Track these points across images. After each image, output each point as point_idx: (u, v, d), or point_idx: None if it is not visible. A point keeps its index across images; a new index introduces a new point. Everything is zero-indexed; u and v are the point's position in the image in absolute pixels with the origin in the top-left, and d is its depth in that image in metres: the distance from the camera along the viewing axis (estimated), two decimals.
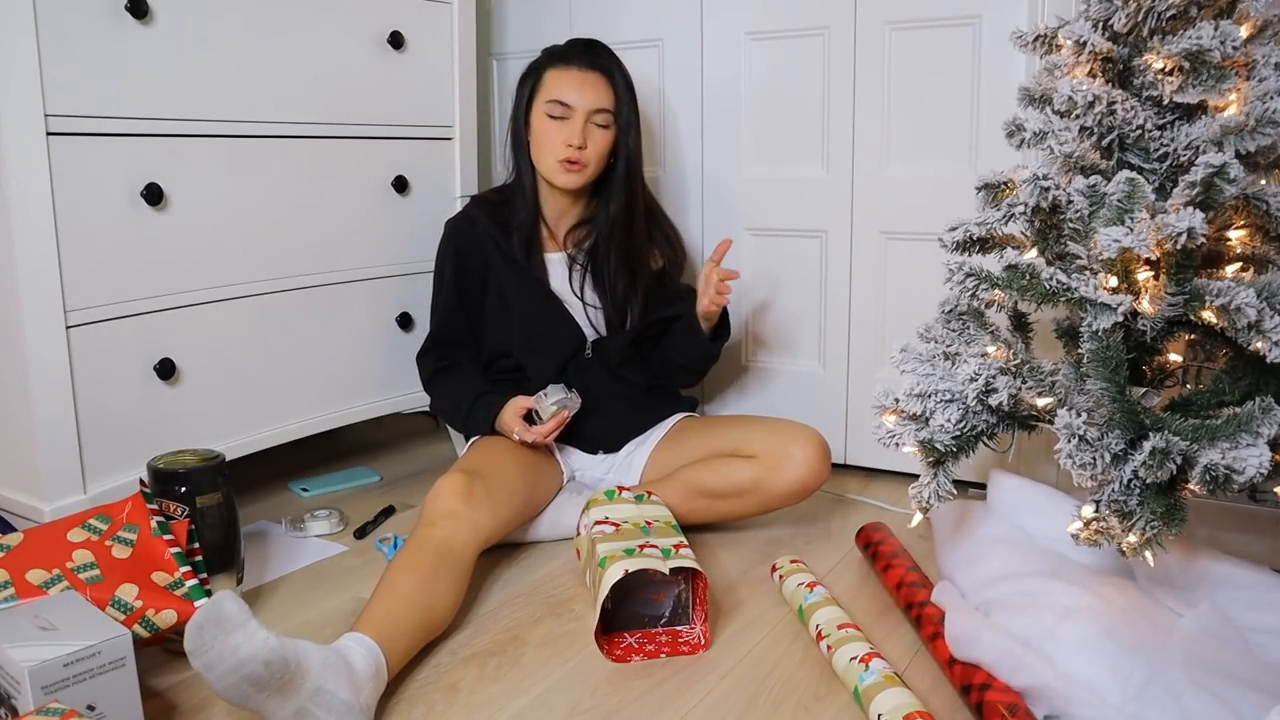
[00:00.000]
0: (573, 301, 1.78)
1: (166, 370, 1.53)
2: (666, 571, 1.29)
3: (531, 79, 1.74)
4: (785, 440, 1.62)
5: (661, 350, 1.85)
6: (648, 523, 1.43)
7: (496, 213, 1.78)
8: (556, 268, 1.79)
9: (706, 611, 1.33)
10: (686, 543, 1.37)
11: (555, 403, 1.63)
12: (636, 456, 1.79)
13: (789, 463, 1.60)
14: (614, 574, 1.25)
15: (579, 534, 1.51)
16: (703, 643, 1.32)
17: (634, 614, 1.36)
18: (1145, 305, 1.03)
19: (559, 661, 1.29)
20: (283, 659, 1.02)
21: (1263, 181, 1.10)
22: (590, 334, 1.79)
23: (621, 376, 1.79)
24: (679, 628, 1.36)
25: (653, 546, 1.34)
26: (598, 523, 1.43)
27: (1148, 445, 0.98)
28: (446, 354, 1.79)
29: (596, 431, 1.77)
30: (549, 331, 1.76)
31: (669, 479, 1.68)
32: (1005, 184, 1.25)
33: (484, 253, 1.76)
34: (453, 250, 1.77)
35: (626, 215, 1.77)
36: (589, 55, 1.72)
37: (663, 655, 1.30)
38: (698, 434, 1.74)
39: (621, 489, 1.55)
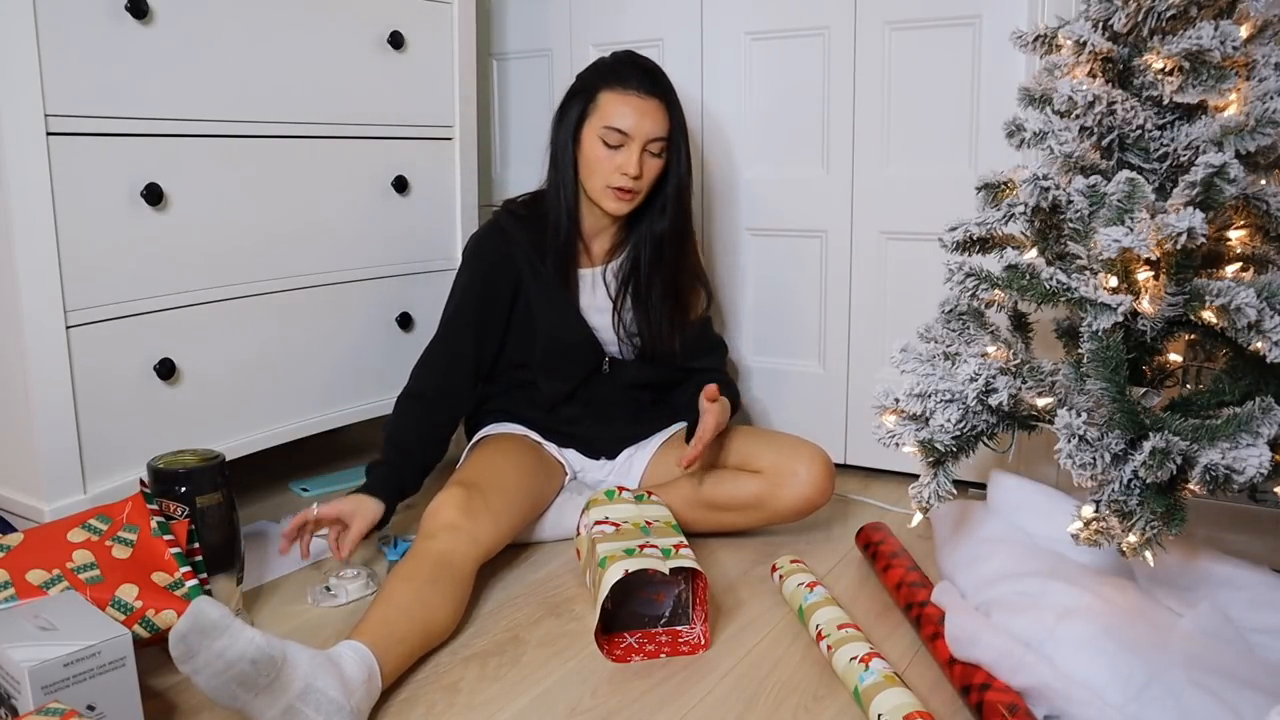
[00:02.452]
0: (602, 319, 1.73)
1: (166, 370, 1.53)
2: (666, 571, 1.29)
3: (584, 97, 1.65)
4: (791, 458, 1.62)
5: (672, 394, 1.82)
6: (647, 522, 1.43)
7: (530, 225, 1.69)
8: (588, 284, 1.73)
9: (707, 611, 1.33)
10: (686, 543, 1.37)
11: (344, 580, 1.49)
12: (636, 460, 1.78)
13: (794, 480, 1.60)
14: (614, 574, 1.25)
15: (579, 534, 1.51)
16: (703, 643, 1.32)
17: (634, 614, 1.36)
18: (1145, 305, 1.03)
19: (559, 661, 1.29)
20: (270, 657, 1.03)
21: (1263, 181, 1.10)
22: (614, 350, 1.75)
23: (633, 391, 1.78)
24: (679, 628, 1.36)
25: (653, 546, 1.34)
26: (598, 523, 1.43)
27: (1148, 445, 0.98)
28: (439, 371, 1.65)
29: (598, 436, 1.77)
30: (571, 353, 1.71)
31: (672, 486, 1.68)
32: (1005, 184, 1.25)
33: (515, 270, 1.68)
34: (482, 270, 1.68)
35: (675, 237, 1.71)
36: (648, 80, 1.63)
37: (663, 655, 1.30)
38: None
39: (621, 489, 1.55)
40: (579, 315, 1.71)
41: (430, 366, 1.67)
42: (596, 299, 1.74)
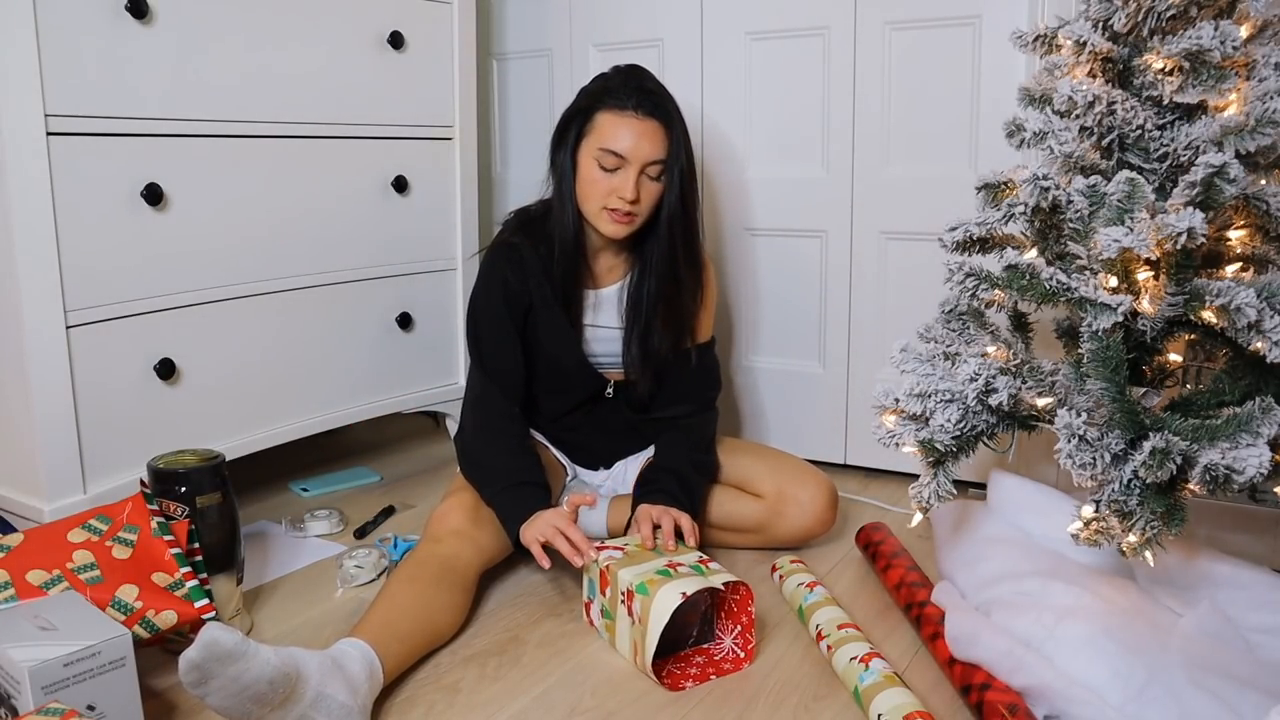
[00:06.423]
0: (607, 344, 1.67)
1: (166, 370, 1.53)
2: (721, 586, 1.25)
3: (582, 117, 1.55)
4: (795, 485, 1.60)
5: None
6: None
7: (539, 244, 1.60)
8: (590, 305, 1.67)
9: (751, 623, 1.28)
10: (708, 556, 1.33)
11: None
12: (631, 468, 1.74)
13: (796, 509, 1.59)
14: (668, 598, 1.19)
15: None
16: (744, 656, 1.28)
17: (664, 639, 1.29)
18: (1145, 305, 1.03)
19: (559, 661, 1.29)
20: (285, 674, 1.02)
21: (1263, 181, 1.10)
22: (618, 371, 1.69)
23: (638, 414, 1.73)
24: (705, 645, 1.33)
25: (680, 565, 1.29)
26: (599, 548, 1.37)
27: (1148, 445, 0.98)
28: (502, 399, 1.59)
29: (593, 447, 1.74)
30: (570, 378, 1.67)
31: None
32: (1005, 184, 1.25)
33: (527, 286, 1.60)
34: (499, 278, 1.59)
35: (669, 264, 1.60)
36: (648, 102, 1.52)
37: (712, 677, 1.25)
38: None
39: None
40: (578, 343, 1.65)
41: (489, 397, 1.60)
42: (599, 319, 1.67)
